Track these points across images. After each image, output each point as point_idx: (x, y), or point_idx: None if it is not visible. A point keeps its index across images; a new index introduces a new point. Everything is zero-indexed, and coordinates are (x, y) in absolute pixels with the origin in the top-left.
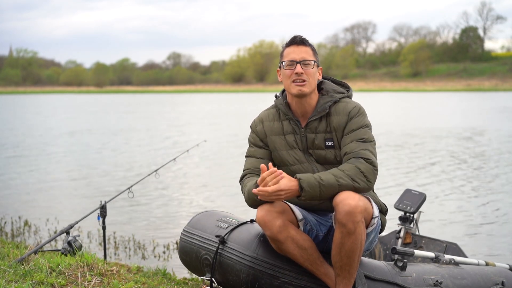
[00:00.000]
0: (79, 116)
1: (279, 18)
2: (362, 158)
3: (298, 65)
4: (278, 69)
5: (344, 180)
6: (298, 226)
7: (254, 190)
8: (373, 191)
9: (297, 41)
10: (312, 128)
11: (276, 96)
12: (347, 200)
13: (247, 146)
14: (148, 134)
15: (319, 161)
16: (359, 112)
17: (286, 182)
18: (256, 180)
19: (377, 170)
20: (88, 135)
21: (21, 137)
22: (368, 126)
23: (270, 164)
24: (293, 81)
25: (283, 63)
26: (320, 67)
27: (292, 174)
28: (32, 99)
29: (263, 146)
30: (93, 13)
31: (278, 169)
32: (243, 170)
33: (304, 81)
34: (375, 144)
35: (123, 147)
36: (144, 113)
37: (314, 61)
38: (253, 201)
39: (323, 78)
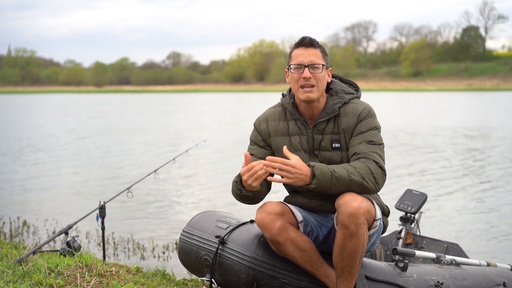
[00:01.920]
0: (77, 116)
1: (279, 18)
2: (372, 160)
3: (306, 69)
4: (286, 70)
5: (356, 176)
6: (298, 228)
7: (264, 162)
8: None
9: (306, 42)
10: (319, 129)
11: (283, 94)
12: (350, 202)
13: (247, 145)
14: (147, 134)
15: (324, 163)
16: (369, 114)
17: (299, 162)
18: (239, 173)
19: (385, 174)
20: (87, 135)
21: (19, 137)
22: (377, 128)
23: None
24: (301, 86)
25: (291, 66)
26: (330, 68)
27: None
28: (30, 99)
29: (264, 146)
30: (94, 12)
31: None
32: (242, 168)
33: (312, 86)
34: (383, 147)
35: (122, 147)
36: (143, 113)
37: (323, 65)
38: (235, 194)
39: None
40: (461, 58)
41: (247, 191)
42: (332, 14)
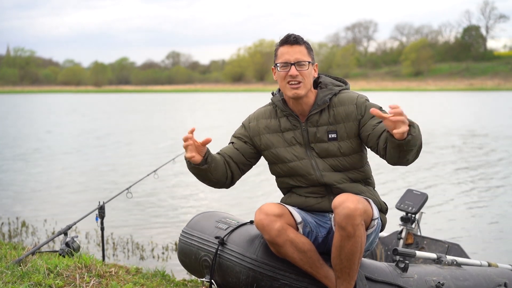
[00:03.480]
0: (77, 116)
1: (279, 17)
2: None
3: (293, 67)
4: (273, 67)
5: (421, 140)
6: (297, 229)
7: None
8: (373, 189)
9: (291, 40)
10: (313, 122)
11: (272, 93)
12: (346, 203)
13: None
14: (147, 135)
15: (321, 154)
16: (366, 98)
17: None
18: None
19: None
20: (86, 135)
21: (18, 137)
22: (381, 107)
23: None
24: (288, 83)
25: (277, 64)
26: (316, 63)
27: (291, 170)
28: (29, 99)
29: (245, 141)
30: (96, 12)
31: (275, 166)
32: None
33: (299, 82)
34: None
35: (122, 148)
36: (143, 113)
37: (309, 62)
38: (190, 171)
39: (318, 75)
40: (462, 57)
41: (193, 164)
42: (333, 14)
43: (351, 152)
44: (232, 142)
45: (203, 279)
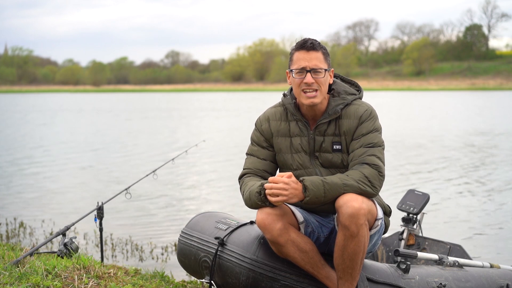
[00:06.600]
0: (75, 117)
1: (280, 16)
2: (367, 164)
3: (309, 74)
4: (288, 71)
5: (349, 181)
6: (299, 229)
7: (267, 185)
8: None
9: (308, 46)
10: (321, 131)
11: (284, 94)
12: (351, 202)
13: (247, 146)
14: (146, 135)
15: (324, 164)
16: (371, 115)
17: (293, 179)
18: (261, 183)
19: (383, 175)
20: (85, 136)
21: (16, 137)
22: (378, 130)
23: (288, 174)
24: (303, 91)
25: (293, 70)
26: (332, 69)
27: (296, 178)
28: (27, 98)
29: (267, 147)
30: (96, 10)
31: (281, 171)
32: (243, 169)
33: (315, 90)
34: (384, 148)
35: (121, 148)
36: (142, 113)
37: (326, 69)
38: (255, 204)
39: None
40: (464, 57)
41: (270, 204)
42: (334, 13)
43: None
44: (252, 155)
45: (203, 280)
